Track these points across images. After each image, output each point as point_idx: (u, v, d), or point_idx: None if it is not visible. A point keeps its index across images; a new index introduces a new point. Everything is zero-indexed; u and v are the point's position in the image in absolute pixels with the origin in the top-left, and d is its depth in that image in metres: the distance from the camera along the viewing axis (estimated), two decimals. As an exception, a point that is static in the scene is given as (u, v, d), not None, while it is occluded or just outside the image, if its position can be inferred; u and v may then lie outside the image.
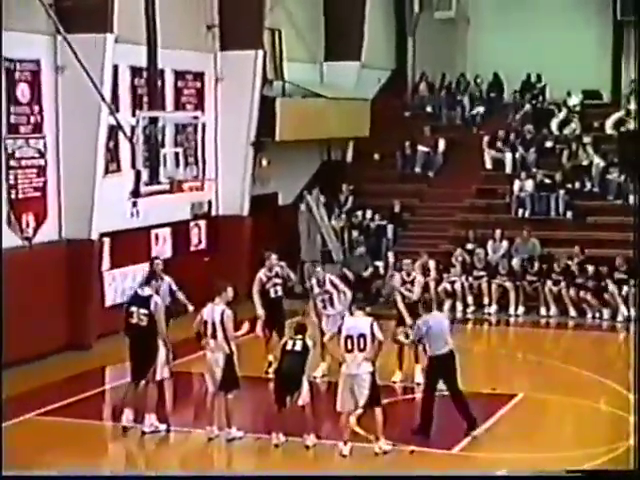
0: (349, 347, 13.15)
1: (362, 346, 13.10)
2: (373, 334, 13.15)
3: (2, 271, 15.74)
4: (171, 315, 15.33)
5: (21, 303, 17.25)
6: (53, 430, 14.36)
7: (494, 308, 22.38)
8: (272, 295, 17.30)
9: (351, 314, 13.86)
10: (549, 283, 21.93)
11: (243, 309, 19.73)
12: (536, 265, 22.31)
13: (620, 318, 21.18)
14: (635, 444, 11.79)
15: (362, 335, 13.13)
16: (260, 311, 17.13)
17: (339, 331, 13.47)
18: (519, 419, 14.77)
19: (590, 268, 21.84)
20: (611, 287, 21.41)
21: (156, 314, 13.94)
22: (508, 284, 22.33)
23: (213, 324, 13.70)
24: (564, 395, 15.50)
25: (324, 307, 16.72)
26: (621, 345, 19.84)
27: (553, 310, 21.90)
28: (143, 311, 13.98)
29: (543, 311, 21.96)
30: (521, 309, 22.23)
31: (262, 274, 17.35)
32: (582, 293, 21.65)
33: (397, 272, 17.45)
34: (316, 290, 16.85)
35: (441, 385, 13.95)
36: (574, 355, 19.09)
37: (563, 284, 21.79)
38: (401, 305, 16.37)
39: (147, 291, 14.22)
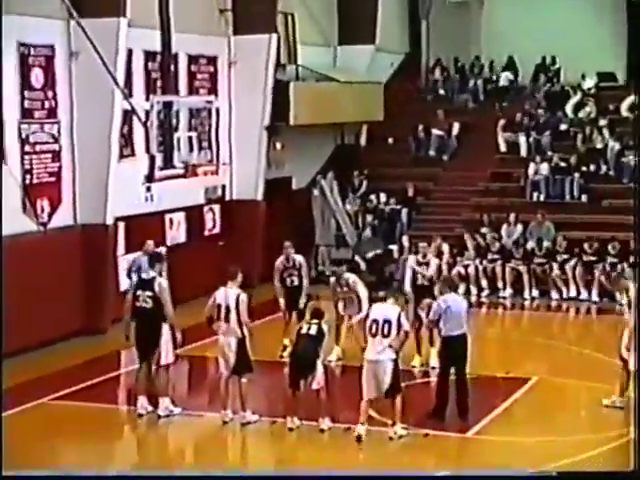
0: (373, 331, 13.14)
1: (386, 332, 13.07)
2: (399, 322, 13.15)
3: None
4: None
5: (36, 288, 17.32)
6: (68, 414, 14.42)
7: (509, 292, 22.36)
8: (288, 284, 17.34)
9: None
10: (555, 266, 21.94)
11: (257, 293, 19.84)
12: (544, 247, 22.33)
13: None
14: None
15: (387, 321, 13.11)
16: (280, 298, 17.26)
17: (366, 316, 13.45)
18: (534, 402, 14.77)
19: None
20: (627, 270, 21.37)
21: (161, 295, 13.90)
22: (522, 267, 22.30)
23: (227, 307, 13.69)
24: (579, 379, 15.49)
25: (344, 307, 16.73)
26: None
27: (565, 293, 21.92)
28: (148, 293, 13.93)
29: (556, 294, 21.94)
30: (535, 292, 22.21)
31: (279, 263, 17.39)
32: (598, 275, 21.65)
33: (412, 255, 17.44)
34: (337, 290, 16.86)
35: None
36: (589, 338, 19.08)
37: (571, 265, 21.82)
38: (408, 285, 16.37)
39: (151, 273, 14.21)
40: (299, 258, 17.51)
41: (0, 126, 16.98)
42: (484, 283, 22.51)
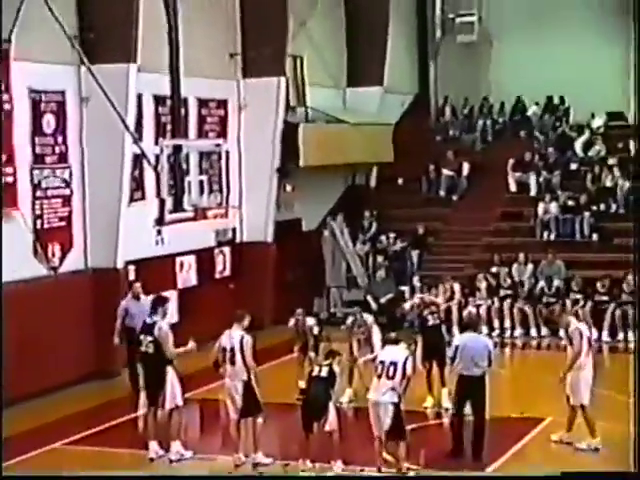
0: (378, 372, 13.17)
1: (391, 374, 13.05)
2: (405, 366, 13.11)
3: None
4: None
5: (48, 332, 17.33)
6: (80, 459, 14.37)
7: (519, 331, 22.31)
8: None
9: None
10: (568, 303, 21.88)
11: (268, 335, 19.82)
12: (555, 286, 22.32)
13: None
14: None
15: (393, 363, 13.10)
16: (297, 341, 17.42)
17: (374, 358, 13.49)
18: (548, 443, 14.63)
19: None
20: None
21: (160, 339, 13.88)
22: (527, 308, 22.26)
23: (232, 350, 13.65)
24: (593, 418, 15.35)
25: (359, 347, 16.72)
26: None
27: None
28: (149, 338, 13.97)
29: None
30: (545, 331, 22.15)
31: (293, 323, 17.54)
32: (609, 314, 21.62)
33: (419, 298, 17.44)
34: (354, 330, 16.86)
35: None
36: (602, 377, 18.94)
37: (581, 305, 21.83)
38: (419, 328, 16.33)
39: (154, 318, 14.20)
40: (310, 323, 17.52)
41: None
42: (496, 323, 22.46)
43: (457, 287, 22.00)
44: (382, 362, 13.18)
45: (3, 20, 16.52)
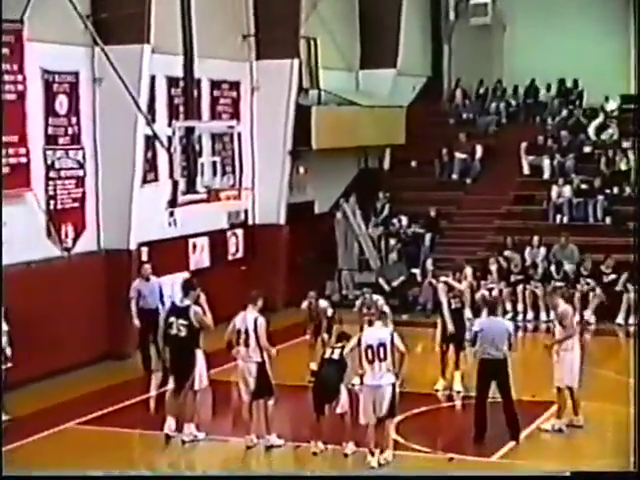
0: (370, 357, 13.02)
1: (382, 356, 12.98)
2: (393, 344, 13.06)
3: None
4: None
5: (60, 313, 17.39)
6: (93, 439, 14.44)
7: (531, 315, 22.31)
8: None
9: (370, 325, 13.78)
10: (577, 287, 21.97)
11: (280, 317, 19.85)
12: (568, 270, 22.33)
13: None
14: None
15: (382, 344, 13.00)
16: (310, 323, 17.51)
17: (359, 342, 13.23)
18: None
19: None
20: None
21: (199, 322, 13.99)
22: (539, 290, 22.23)
23: (246, 332, 13.69)
24: (604, 401, 15.36)
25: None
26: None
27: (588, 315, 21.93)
28: (182, 321, 14.02)
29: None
30: (553, 315, 22.11)
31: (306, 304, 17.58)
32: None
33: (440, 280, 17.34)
34: (364, 311, 16.86)
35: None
36: (614, 361, 18.93)
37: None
38: (446, 312, 16.33)
39: (185, 301, 14.27)
40: (323, 305, 17.53)
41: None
42: (508, 306, 22.44)
43: (469, 271, 21.93)
44: (370, 346, 13.00)
45: (16, 1, 16.50)
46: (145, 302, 17.77)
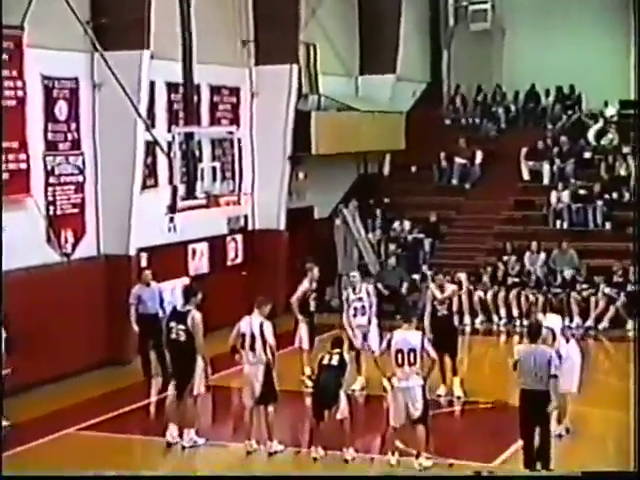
0: (399, 362, 13.04)
1: (412, 360, 13.01)
2: (423, 348, 13.08)
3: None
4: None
5: (60, 319, 17.38)
6: (93, 445, 14.43)
7: (527, 321, 22.34)
8: (312, 308, 17.40)
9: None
10: (574, 295, 21.98)
11: (280, 323, 19.76)
12: (564, 276, 22.34)
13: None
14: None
15: (412, 350, 13.03)
16: (303, 321, 17.36)
17: (388, 345, 13.24)
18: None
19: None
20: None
21: (194, 329, 13.97)
22: (536, 296, 22.23)
23: (252, 336, 13.66)
24: (606, 408, 15.35)
25: (354, 315, 16.71)
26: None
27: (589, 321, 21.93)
28: (181, 326, 14.04)
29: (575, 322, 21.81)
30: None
31: (307, 285, 17.41)
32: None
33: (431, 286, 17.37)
34: (351, 297, 16.87)
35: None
36: (613, 367, 18.93)
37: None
38: (426, 320, 16.29)
39: (186, 307, 14.27)
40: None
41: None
42: (502, 311, 22.48)
43: (463, 276, 22.09)
44: (400, 350, 13.03)
45: (16, 7, 16.52)
46: (145, 308, 17.77)
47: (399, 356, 13.05)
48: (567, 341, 14.22)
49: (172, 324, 14.17)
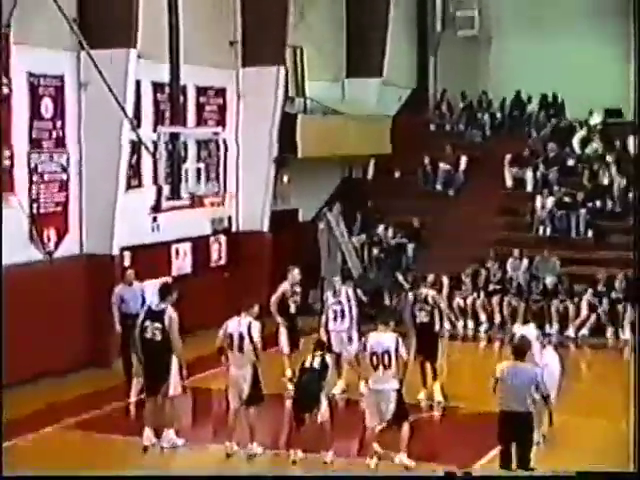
0: (374, 364, 13.08)
1: (387, 362, 13.03)
2: (397, 351, 13.10)
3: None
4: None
5: (42, 318, 17.31)
6: (72, 444, 14.39)
7: (509, 327, 22.39)
8: (292, 310, 17.38)
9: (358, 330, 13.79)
10: (555, 302, 22.02)
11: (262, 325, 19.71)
12: (546, 283, 22.39)
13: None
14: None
15: (387, 352, 13.05)
16: (283, 324, 17.29)
17: (364, 347, 13.29)
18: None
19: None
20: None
21: (170, 328, 13.86)
22: (517, 302, 22.30)
23: (240, 336, 13.59)
24: (587, 416, 15.38)
25: (334, 318, 16.70)
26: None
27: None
28: (157, 325, 13.89)
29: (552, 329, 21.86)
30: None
31: (287, 286, 17.39)
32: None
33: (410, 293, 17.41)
34: (330, 300, 16.87)
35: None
36: (589, 374, 19.00)
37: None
38: (408, 324, 16.30)
39: (161, 305, 14.17)
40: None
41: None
42: (483, 317, 22.52)
43: (445, 281, 22.17)
44: (375, 353, 13.06)
45: (3, 4, 16.47)
46: (127, 307, 17.70)
47: (374, 358, 13.07)
48: (544, 347, 14.24)
49: (147, 323, 13.96)
